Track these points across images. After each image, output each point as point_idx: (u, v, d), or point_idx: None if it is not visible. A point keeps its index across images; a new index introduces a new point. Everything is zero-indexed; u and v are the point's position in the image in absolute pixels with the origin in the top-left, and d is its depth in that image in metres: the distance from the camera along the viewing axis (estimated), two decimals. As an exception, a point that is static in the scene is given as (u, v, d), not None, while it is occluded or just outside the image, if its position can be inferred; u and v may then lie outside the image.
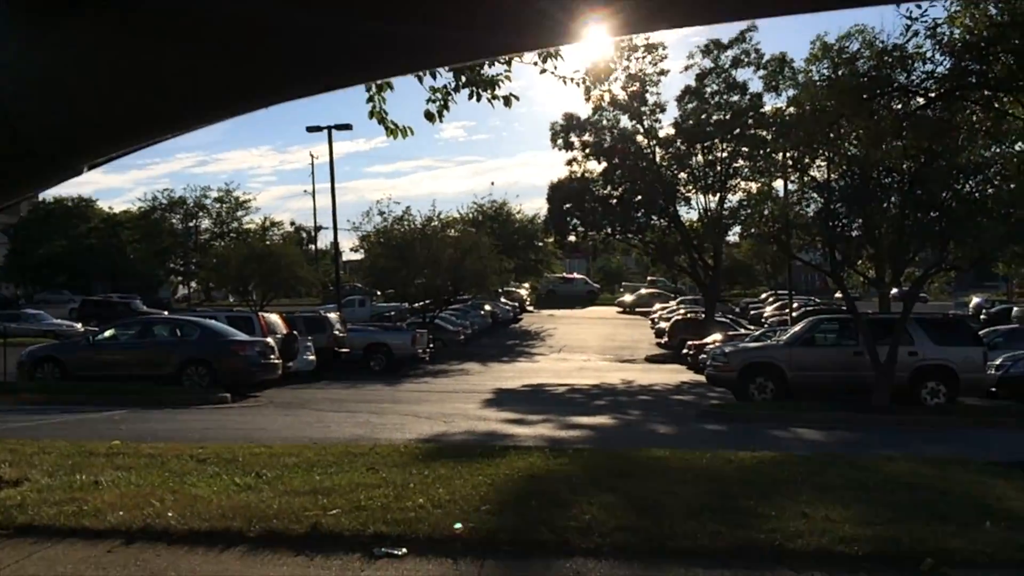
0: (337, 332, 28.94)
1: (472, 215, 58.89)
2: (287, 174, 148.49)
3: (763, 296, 58.49)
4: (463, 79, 10.15)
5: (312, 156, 63.89)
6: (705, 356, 30.08)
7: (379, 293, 53.84)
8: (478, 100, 9.86)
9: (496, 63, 10.06)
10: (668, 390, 26.09)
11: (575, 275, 72.00)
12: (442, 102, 9.95)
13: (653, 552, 5.45)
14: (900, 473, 8.18)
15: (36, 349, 20.24)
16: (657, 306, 58.04)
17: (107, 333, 20.87)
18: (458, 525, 5.73)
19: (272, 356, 20.89)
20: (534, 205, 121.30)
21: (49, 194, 72.31)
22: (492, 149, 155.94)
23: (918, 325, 18.93)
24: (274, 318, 24.57)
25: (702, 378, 28.98)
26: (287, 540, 5.52)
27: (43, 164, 1.90)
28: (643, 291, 64.62)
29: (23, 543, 5.34)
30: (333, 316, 30.00)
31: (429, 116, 9.77)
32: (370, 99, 9.44)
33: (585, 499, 6.61)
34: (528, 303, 63.47)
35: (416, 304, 45.48)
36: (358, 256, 54.42)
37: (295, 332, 24.43)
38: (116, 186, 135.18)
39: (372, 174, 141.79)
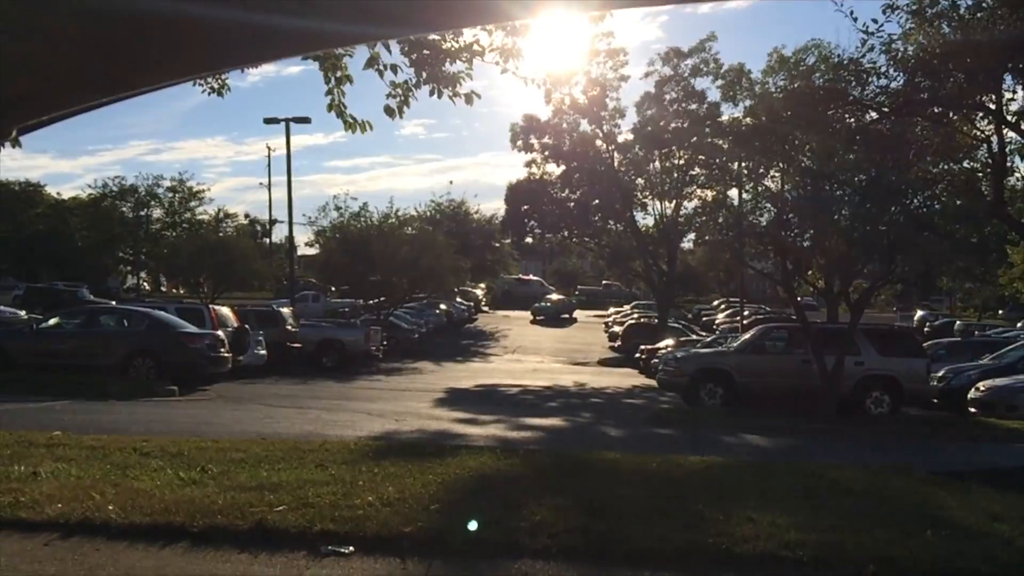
0: (289, 327, 28.59)
1: (430, 213, 58.70)
2: (243, 165, 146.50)
3: (715, 303, 59.21)
4: (424, 75, 10.11)
5: (269, 148, 62.93)
6: (657, 361, 30.37)
7: (333, 289, 53.39)
8: (439, 97, 9.80)
9: (457, 61, 10.06)
10: (620, 393, 26.24)
11: (531, 277, 72.21)
12: (402, 98, 9.88)
13: (602, 554, 5.46)
14: (845, 480, 8.32)
15: (-25, 336, 19.68)
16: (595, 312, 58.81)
17: (51, 321, 20.37)
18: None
19: (222, 349, 20.58)
20: (492, 206, 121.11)
21: (7, 176, 70.41)
22: (452, 148, 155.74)
23: (864, 336, 19.31)
24: (225, 311, 24.19)
25: (653, 382, 29.20)
26: (231, 536, 5.42)
27: None
28: (553, 297, 63.14)
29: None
30: (286, 311, 29.64)
31: (389, 111, 9.69)
32: (329, 92, 9.33)
33: (535, 500, 6.60)
34: (484, 303, 63.44)
35: (371, 301, 45.20)
36: (313, 251, 53.91)
37: (246, 326, 24.09)
38: (65, 172, 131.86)
39: (330, 169, 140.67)
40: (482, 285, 68.31)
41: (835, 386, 17.88)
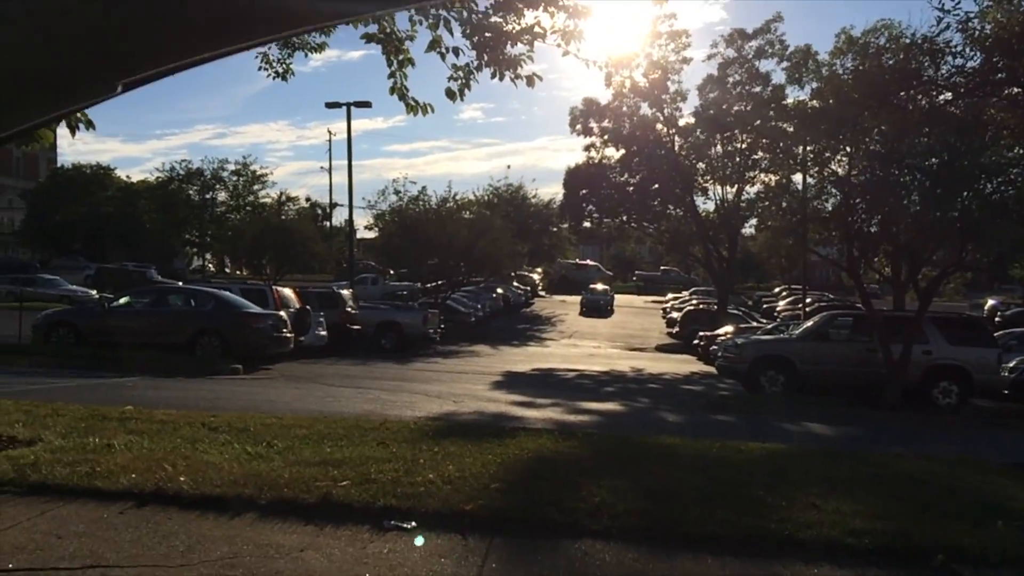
0: (349, 309, 28.99)
1: (487, 198, 58.82)
2: (304, 150, 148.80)
3: (776, 290, 58.22)
4: (485, 57, 10.13)
5: (330, 132, 63.92)
6: (716, 347, 30.07)
7: (391, 272, 53.97)
8: (500, 79, 9.81)
9: (519, 43, 10.04)
10: (677, 379, 26.03)
11: (589, 262, 71.88)
12: (464, 80, 9.93)
13: (662, 537, 5.44)
14: (911, 470, 8.14)
15: (52, 313, 20.37)
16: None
17: (122, 300, 20.97)
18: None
19: (285, 330, 20.97)
20: (550, 190, 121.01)
21: (68, 160, 72.64)
22: (510, 132, 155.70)
23: (933, 324, 18.81)
24: (287, 292, 24.63)
25: (712, 369, 28.94)
26: (297, 509, 5.54)
27: (79, 76, 1.88)
28: (597, 287, 59.46)
29: (36, 501, 5.38)
30: (346, 293, 30.05)
31: (450, 94, 9.73)
32: (391, 75, 9.41)
33: (595, 482, 6.60)
34: (540, 288, 63.41)
35: (428, 284, 45.58)
36: (372, 234, 54.52)
37: (308, 307, 24.49)
38: (134, 155, 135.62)
39: (390, 153, 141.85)
40: (538, 270, 68.28)
41: (901, 375, 17.46)
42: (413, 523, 5.41)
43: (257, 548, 4.85)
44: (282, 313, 21.46)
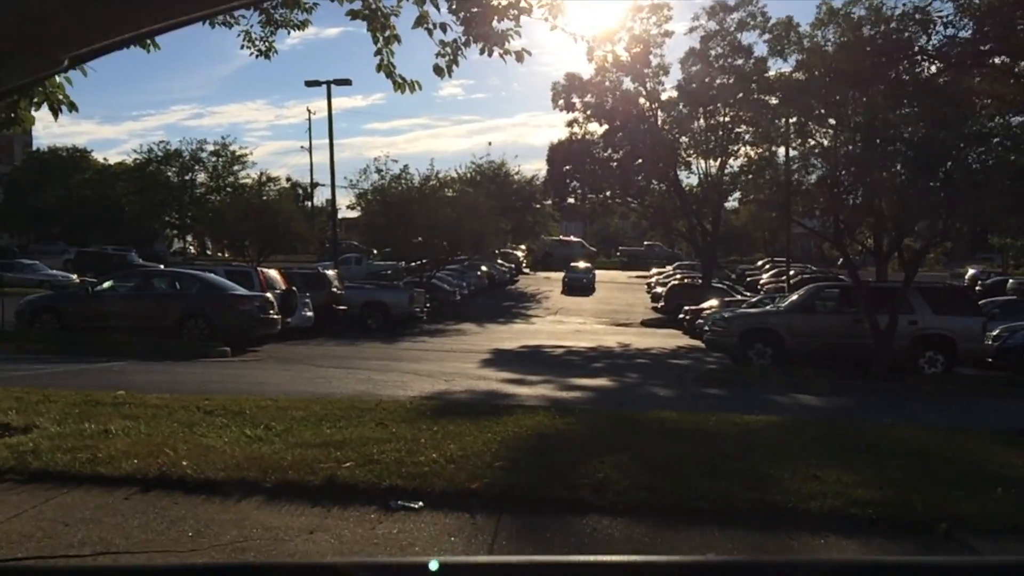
0: (335, 289, 28.85)
1: (470, 175, 58.55)
2: (283, 129, 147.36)
3: (759, 263, 58.52)
4: (473, 33, 10.05)
5: (310, 112, 63.28)
6: (702, 321, 30.21)
7: (375, 251, 53.76)
8: (489, 55, 9.70)
9: (505, 19, 9.96)
10: (665, 354, 26.15)
11: (572, 238, 71.89)
12: (451, 57, 9.85)
13: (667, 511, 5.46)
14: (907, 440, 8.22)
15: (35, 299, 20.15)
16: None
17: (106, 284, 20.76)
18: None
19: (271, 311, 20.86)
20: (531, 166, 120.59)
21: (43, 143, 71.63)
22: (490, 109, 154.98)
23: (919, 294, 18.96)
24: (273, 274, 24.46)
25: (698, 343, 29.08)
26: (303, 491, 5.52)
27: (19, 50, 1.84)
28: (580, 265, 58.61)
29: (38, 489, 5.33)
30: (331, 273, 29.89)
31: (438, 71, 9.62)
32: (378, 52, 9.30)
33: (596, 458, 6.62)
34: (524, 265, 63.40)
35: (412, 263, 45.44)
36: (354, 214, 54.21)
37: (294, 288, 24.35)
38: (110, 137, 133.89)
39: (369, 131, 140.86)
40: (522, 247, 68.23)
41: (888, 346, 17.62)
42: (420, 503, 5.41)
43: (266, 531, 4.83)
44: (268, 295, 21.33)
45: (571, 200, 42.49)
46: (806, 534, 5.23)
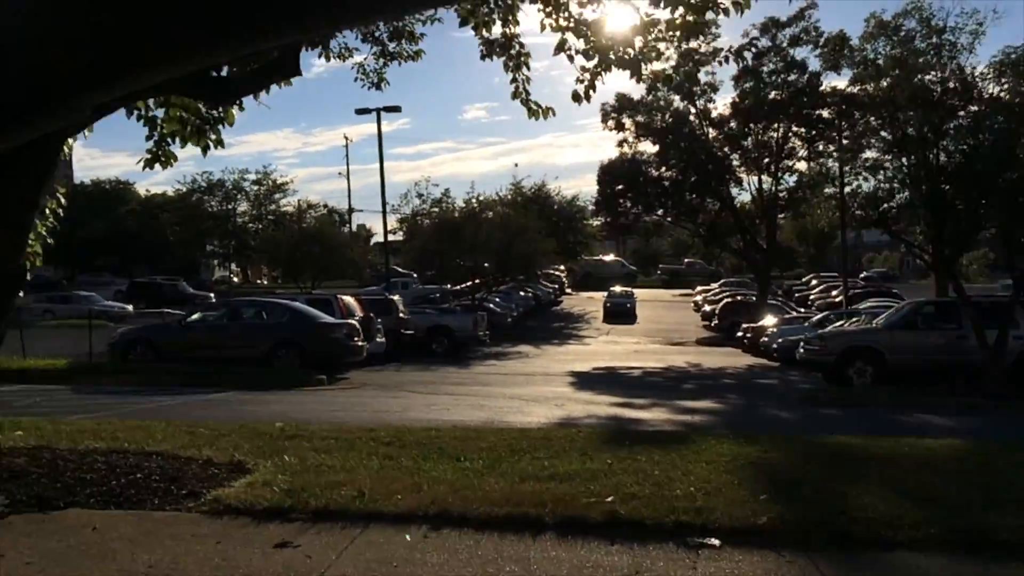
0: (402, 315, 28.77)
1: (511, 197, 58.53)
2: (310, 156, 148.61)
3: (805, 279, 57.95)
4: (612, 57, 10.06)
5: (347, 139, 63.42)
6: (767, 339, 29.88)
7: (414, 275, 53.68)
8: (638, 81, 9.63)
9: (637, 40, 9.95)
10: (741, 373, 25.79)
11: (612, 257, 71.61)
12: (590, 82, 9.85)
13: (971, 546, 5.20)
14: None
15: (127, 331, 20.19)
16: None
17: (196, 316, 20.78)
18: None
19: (357, 338, 20.77)
20: (561, 185, 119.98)
21: (88, 176, 72.38)
22: (515, 130, 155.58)
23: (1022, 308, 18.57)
24: (351, 301, 24.41)
25: (765, 361, 28.77)
26: (586, 527, 5.30)
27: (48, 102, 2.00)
28: (616, 289, 55.47)
29: (332, 528, 5.15)
30: (397, 299, 29.83)
31: (576, 97, 9.52)
32: (513, 80, 9.23)
33: (845, 489, 6.39)
34: (566, 285, 63.20)
35: (458, 286, 45.35)
36: (394, 238, 54.05)
37: (371, 315, 24.28)
38: (140, 169, 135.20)
39: (395, 156, 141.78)
40: (561, 267, 68.05)
41: (1001, 361, 17.24)
42: (716, 540, 5.19)
43: (594, 570, 4.64)
44: (354, 322, 21.25)
45: (623, 220, 42.32)
46: None
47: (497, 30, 9.17)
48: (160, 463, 6.84)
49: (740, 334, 34.92)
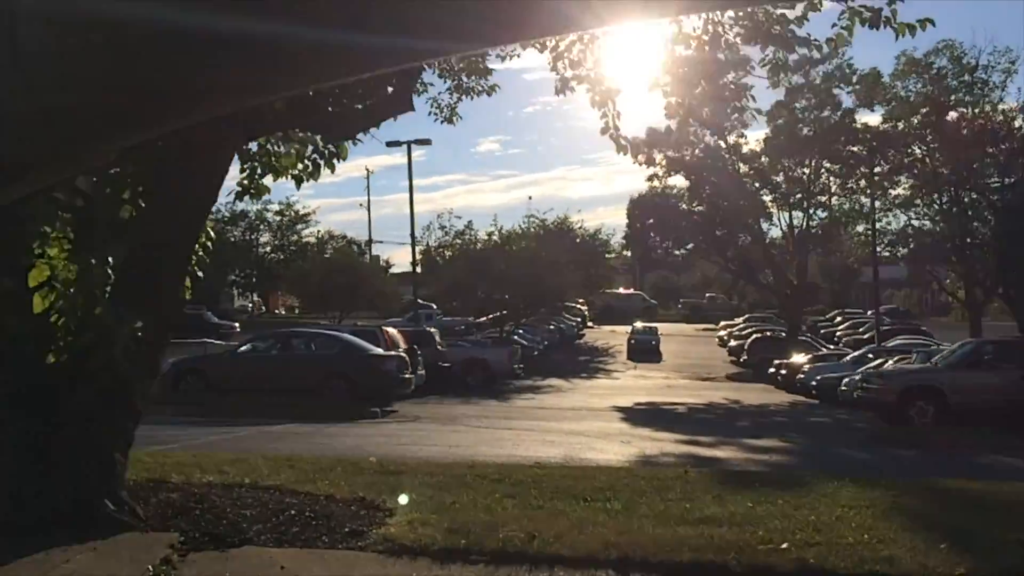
0: (440, 347, 28.59)
1: (533, 229, 58.47)
2: (324, 187, 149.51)
3: (830, 314, 57.57)
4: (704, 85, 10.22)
5: (368, 170, 63.36)
6: (803, 376, 29.59)
7: (434, 307, 53.51)
8: (740, 114, 9.58)
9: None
10: (787, 411, 25.45)
11: (632, 290, 71.42)
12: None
13: None
14: None
15: (179, 361, 19.98)
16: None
17: (245, 347, 20.64)
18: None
19: (406, 371, 20.57)
20: (577, 219, 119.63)
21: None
22: (527, 163, 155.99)
23: (1086, 348, 18.32)
24: (395, 333, 24.25)
25: (801, 398, 28.46)
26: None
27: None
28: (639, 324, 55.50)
29: (519, 570, 4.94)
30: (434, 331, 29.67)
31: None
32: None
33: (1014, 536, 6.15)
34: (588, 319, 62.93)
35: (481, 318, 45.15)
36: (409, 268, 53.87)
37: (415, 347, 24.08)
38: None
39: (408, 188, 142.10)
40: (580, 300, 67.80)
41: (1070, 402, 16.94)
42: (916, 592, 4.96)
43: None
44: (403, 354, 21.07)
45: (653, 253, 42.22)
46: None
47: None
48: (294, 500, 6.62)
49: (773, 370, 34.56)
